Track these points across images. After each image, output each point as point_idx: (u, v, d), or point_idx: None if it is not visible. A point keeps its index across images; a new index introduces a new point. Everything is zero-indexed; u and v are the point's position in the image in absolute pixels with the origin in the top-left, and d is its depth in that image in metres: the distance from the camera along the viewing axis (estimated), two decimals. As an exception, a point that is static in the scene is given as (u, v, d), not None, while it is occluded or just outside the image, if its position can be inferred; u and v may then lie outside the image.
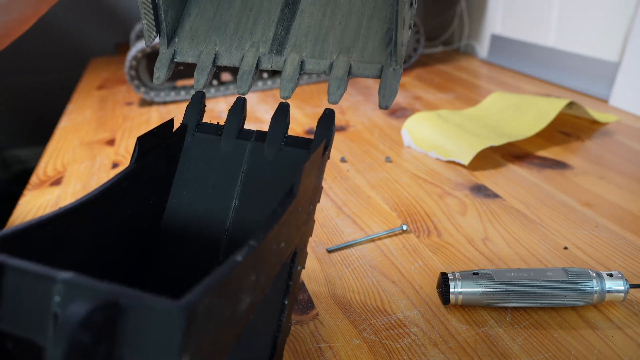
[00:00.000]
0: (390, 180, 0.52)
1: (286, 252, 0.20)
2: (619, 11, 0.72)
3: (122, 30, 1.32)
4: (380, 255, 0.40)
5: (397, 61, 0.25)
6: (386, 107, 0.25)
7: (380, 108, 0.25)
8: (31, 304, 0.13)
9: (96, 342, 0.12)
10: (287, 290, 0.22)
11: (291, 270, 0.22)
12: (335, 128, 0.25)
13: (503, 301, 0.32)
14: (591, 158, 0.55)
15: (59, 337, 0.11)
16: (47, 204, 0.53)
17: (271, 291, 0.20)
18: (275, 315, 0.22)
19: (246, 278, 0.16)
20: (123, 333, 0.13)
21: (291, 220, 0.20)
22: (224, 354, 0.15)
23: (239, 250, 0.16)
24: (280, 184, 0.25)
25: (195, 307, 0.13)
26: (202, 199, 0.25)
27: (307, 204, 0.22)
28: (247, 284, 0.16)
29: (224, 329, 0.15)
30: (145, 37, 0.27)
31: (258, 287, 0.17)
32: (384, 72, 0.25)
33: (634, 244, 0.39)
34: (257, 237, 0.17)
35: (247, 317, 0.17)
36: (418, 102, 0.78)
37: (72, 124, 0.79)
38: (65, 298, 0.13)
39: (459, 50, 1.14)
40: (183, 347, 0.12)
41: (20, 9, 0.38)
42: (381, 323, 0.33)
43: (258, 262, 0.17)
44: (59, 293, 0.13)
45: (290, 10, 0.29)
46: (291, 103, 0.81)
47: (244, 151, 0.26)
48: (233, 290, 0.15)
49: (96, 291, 0.13)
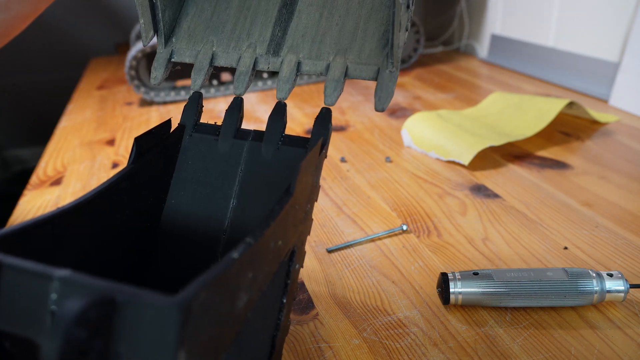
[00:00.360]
0: (390, 180, 0.52)
1: (284, 250, 0.20)
2: (619, 11, 0.72)
3: (122, 30, 1.32)
4: (380, 255, 0.40)
5: (393, 63, 0.25)
6: (382, 109, 0.25)
7: (377, 110, 0.25)
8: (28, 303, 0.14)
9: (92, 338, 0.12)
10: (286, 288, 0.22)
11: (289, 268, 0.22)
12: (332, 127, 0.25)
13: (503, 301, 0.32)
14: (591, 158, 0.55)
15: (54, 334, 0.11)
16: (47, 204, 0.53)
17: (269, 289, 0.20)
18: (274, 313, 0.22)
19: (243, 275, 0.16)
20: (119, 329, 0.13)
21: (288, 218, 0.20)
22: (221, 351, 0.15)
23: (235, 247, 0.16)
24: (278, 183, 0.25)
25: (191, 303, 0.13)
26: (200, 198, 0.25)
27: (305, 202, 0.22)
28: (244, 282, 0.16)
29: (221, 325, 0.15)
30: (143, 37, 0.27)
31: (255, 285, 0.17)
32: (380, 74, 0.25)
33: (634, 244, 0.39)
34: (254, 234, 0.17)
35: (245, 314, 0.17)
36: (418, 102, 0.78)
37: (72, 124, 0.79)
38: (62, 295, 0.13)
39: (459, 50, 1.14)
40: (179, 342, 0.13)
41: (19, 7, 0.38)
42: (381, 323, 0.33)
43: (255, 259, 0.17)
44: (55, 291, 0.13)
45: (288, 11, 0.28)
46: (291, 103, 0.81)
47: (242, 151, 0.26)
48: (230, 287, 0.15)
49: (92, 288, 0.13)
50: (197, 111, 0.27)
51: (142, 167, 0.23)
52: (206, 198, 0.25)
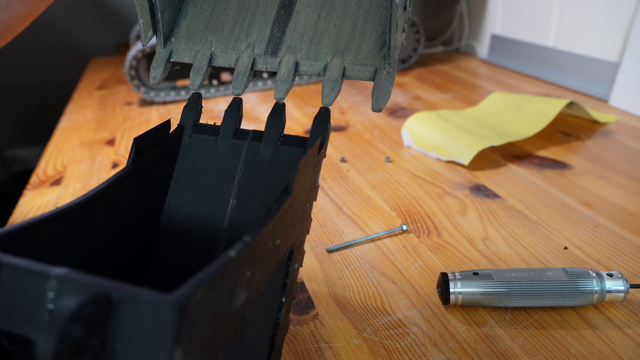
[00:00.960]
0: (390, 180, 0.52)
1: (282, 249, 0.20)
2: (619, 11, 0.72)
3: (122, 30, 1.32)
4: (380, 255, 0.40)
5: (390, 64, 0.25)
6: (379, 110, 0.25)
7: (374, 111, 0.25)
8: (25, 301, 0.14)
9: (88, 336, 0.12)
10: (285, 288, 0.22)
11: (288, 268, 0.22)
12: (330, 126, 0.25)
13: (503, 301, 0.32)
14: (591, 158, 0.55)
15: (51, 331, 0.11)
16: (47, 204, 0.53)
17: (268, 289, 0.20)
18: (273, 313, 0.22)
19: (241, 274, 0.16)
20: (115, 327, 0.13)
21: (287, 217, 0.20)
22: (219, 350, 0.15)
23: (233, 246, 0.16)
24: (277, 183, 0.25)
25: (188, 301, 0.13)
26: (199, 199, 0.26)
27: (303, 201, 0.22)
28: (242, 280, 0.16)
29: (218, 324, 0.15)
30: (142, 37, 0.28)
31: (254, 284, 0.17)
32: (377, 75, 0.25)
33: (634, 244, 0.39)
34: (252, 233, 0.17)
35: (243, 313, 0.17)
36: (418, 102, 0.78)
37: (72, 124, 0.79)
38: (59, 293, 0.13)
39: (459, 50, 1.14)
40: (175, 341, 0.12)
41: (19, 6, 0.38)
42: (381, 323, 0.33)
43: (252, 258, 0.17)
44: (52, 289, 0.13)
45: (286, 12, 0.29)
46: (291, 103, 0.81)
47: (241, 151, 0.26)
48: (227, 286, 0.15)
49: (88, 285, 0.13)
50: (196, 112, 0.27)
51: (141, 168, 0.23)
52: (205, 198, 0.25)
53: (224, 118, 0.26)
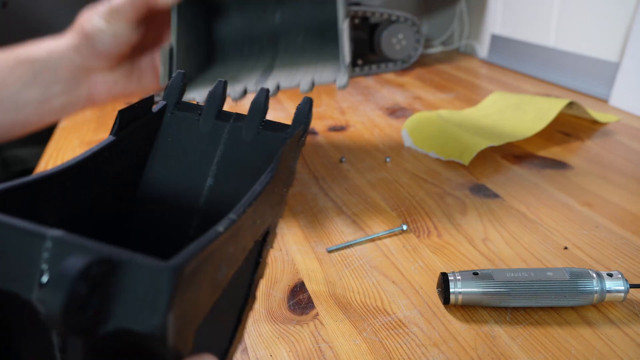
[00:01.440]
0: (390, 180, 0.52)
1: (260, 229, 0.21)
2: (619, 11, 0.72)
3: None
4: (380, 255, 0.40)
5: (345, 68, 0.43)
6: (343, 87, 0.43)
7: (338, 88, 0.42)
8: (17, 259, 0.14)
9: (91, 294, 0.13)
10: (257, 266, 0.23)
11: (262, 248, 0.23)
12: (312, 115, 0.26)
13: (503, 301, 0.32)
14: (591, 158, 0.55)
15: (59, 287, 0.12)
16: (47, 204, 0.53)
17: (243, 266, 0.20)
18: (244, 289, 0.22)
19: (225, 249, 0.17)
20: (113, 289, 0.13)
21: (267, 199, 0.21)
22: (199, 319, 0.16)
23: (220, 222, 0.17)
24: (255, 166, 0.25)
25: (183, 269, 0.14)
26: (177, 175, 0.26)
27: (282, 186, 0.23)
28: (226, 255, 0.17)
29: (203, 294, 0.16)
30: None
31: (234, 260, 0.18)
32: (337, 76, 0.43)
33: (634, 244, 0.39)
34: (237, 211, 0.18)
35: (222, 286, 0.18)
36: (418, 102, 0.78)
37: (72, 124, 0.79)
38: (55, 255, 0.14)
39: (459, 50, 1.14)
40: (169, 305, 0.13)
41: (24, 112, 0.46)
42: (381, 323, 0.33)
43: (236, 235, 0.18)
44: (47, 250, 0.14)
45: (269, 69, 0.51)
46: (291, 103, 0.81)
47: (222, 132, 0.26)
48: (214, 259, 0.16)
49: (89, 248, 0.13)
50: (180, 90, 0.27)
51: (123, 139, 0.23)
52: (183, 175, 0.26)
53: (207, 98, 0.27)
